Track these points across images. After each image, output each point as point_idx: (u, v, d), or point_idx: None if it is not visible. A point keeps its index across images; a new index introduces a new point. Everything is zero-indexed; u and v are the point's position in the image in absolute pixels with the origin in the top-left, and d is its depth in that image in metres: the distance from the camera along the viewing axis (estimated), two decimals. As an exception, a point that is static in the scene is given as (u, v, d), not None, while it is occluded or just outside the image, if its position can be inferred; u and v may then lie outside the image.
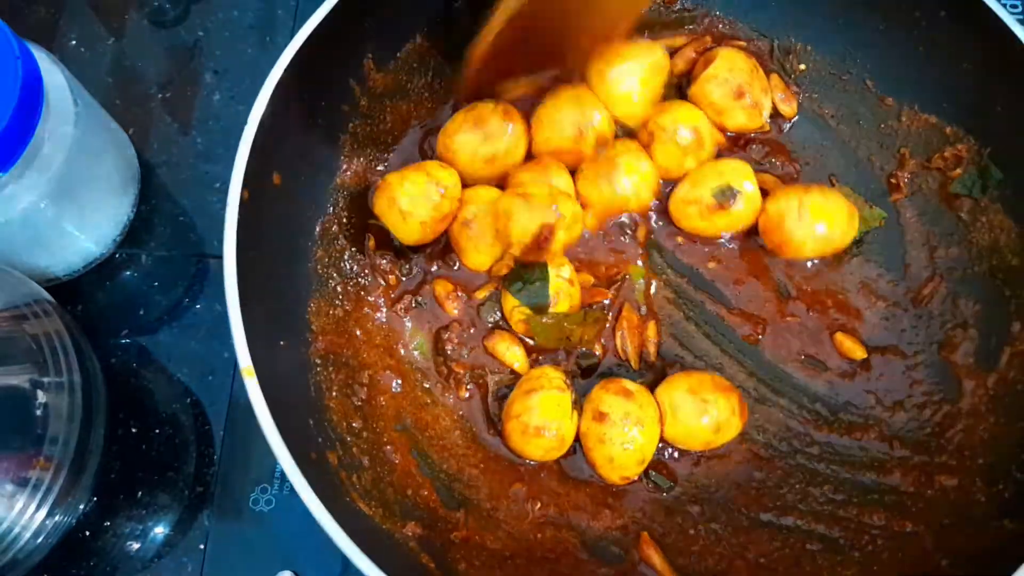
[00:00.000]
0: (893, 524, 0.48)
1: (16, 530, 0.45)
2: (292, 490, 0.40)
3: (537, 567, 0.48)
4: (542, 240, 0.49)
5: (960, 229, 0.54)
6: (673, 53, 0.59)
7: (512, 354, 0.53)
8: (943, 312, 0.53)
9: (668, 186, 0.57)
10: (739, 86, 0.56)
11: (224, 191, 0.44)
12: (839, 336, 0.54)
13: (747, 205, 0.54)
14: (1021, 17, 0.63)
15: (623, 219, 0.56)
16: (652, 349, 0.54)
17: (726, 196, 0.53)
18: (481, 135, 0.53)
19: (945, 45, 0.52)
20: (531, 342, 0.53)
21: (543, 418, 0.49)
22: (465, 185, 0.54)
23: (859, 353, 0.53)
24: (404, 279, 0.55)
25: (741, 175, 0.54)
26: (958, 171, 0.54)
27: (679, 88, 0.59)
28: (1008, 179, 0.52)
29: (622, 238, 0.56)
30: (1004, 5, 0.50)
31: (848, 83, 0.58)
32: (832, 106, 0.59)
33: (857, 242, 0.56)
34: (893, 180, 0.56)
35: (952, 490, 0.48)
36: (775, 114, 0.59)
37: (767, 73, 0.59)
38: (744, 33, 0.60)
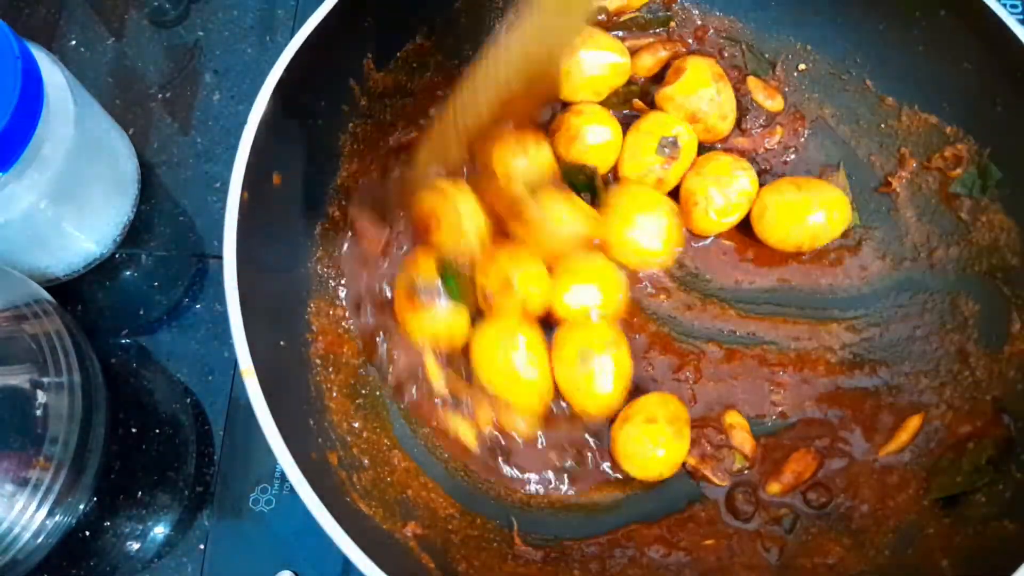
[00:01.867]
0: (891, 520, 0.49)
1: (16, 530, 0.45)
2: (292, 490, 0.40)
3: (538, 567, 0.48)
4: None
5: (960, 229, 0.54)
6: (638, 51, 0.59)
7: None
8: (943, 312, 0.53)
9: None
10: (693, 112, 0.56)
11: (224, 191, 0.44)
12: None
13: (686, 150, 0.55)
14: (1021, 17, 0.63)
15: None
16: None
17: (669, 145, 0.54)
18: None
19: (945, 45, 0.52)
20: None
21: None
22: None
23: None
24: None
25: (673, 123, 0.55)
26: (958, 171, 0.54)
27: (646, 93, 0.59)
28: (1008, 179, 0.52)
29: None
30: (1004, 5, 0.50)
31: (848, 83, 0.58)
32: (832, 106, 0.59)
33: (856, 242, 0.56)
34: (891, 180, 0.56)
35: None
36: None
37: (743, 76, 0.59)
38: (715, 42, 0.60)
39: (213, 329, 0.58)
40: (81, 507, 0.50)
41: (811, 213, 0.54)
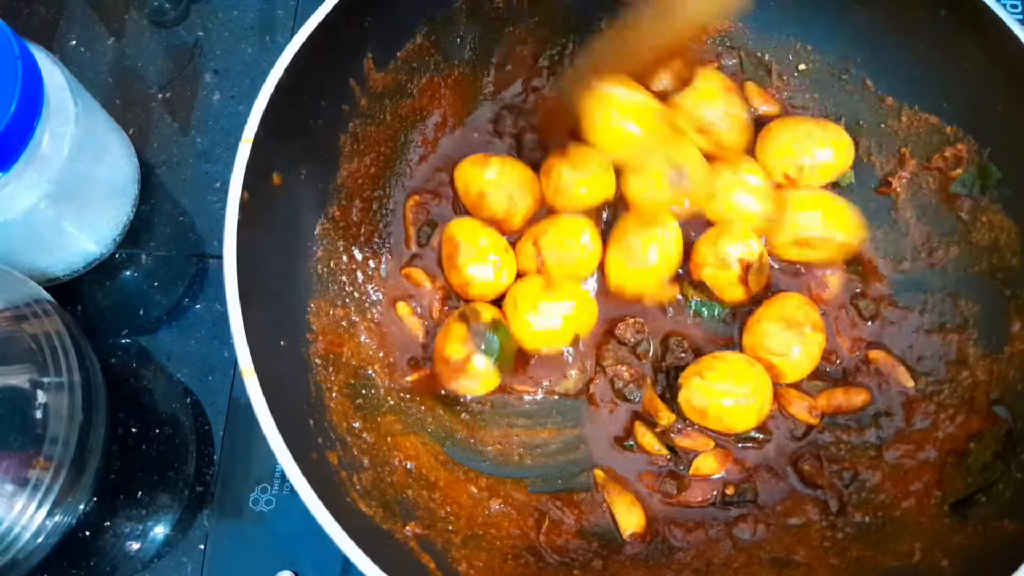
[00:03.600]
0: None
1: (16, 530, 0.45)
2: (292, 490, 0.40)
3: (539, 567, 0.48)
4: None
5: (960, 229, 0.54)
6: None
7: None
8: (943, 312, 0.53)
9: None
10: (702, 123, 0.55)
11: (224, 191, 0.44)
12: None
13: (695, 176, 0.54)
14: (1021, 17, 0.63)
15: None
16: None
17: (678, 174, 0.53)
18: None
19: (945, 45, 0.52)
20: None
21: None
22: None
23: None
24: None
25: (684, 151, 0.54)
26: (958, 171, 0.54)
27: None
28: (1008, 179, 0.52)
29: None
30: (1004, 5, 0.50)
31: (848, 83, 0.58)
32: (832, 106, 0.59)
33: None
34: (891, 180, 0.56)
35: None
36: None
37: (741, 83, 0.59)
38: (712, 49, 0.60)
39: (213, 329, 0.58)
40: (81, 507, 0.50)
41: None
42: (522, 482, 0.52)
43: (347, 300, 0.53)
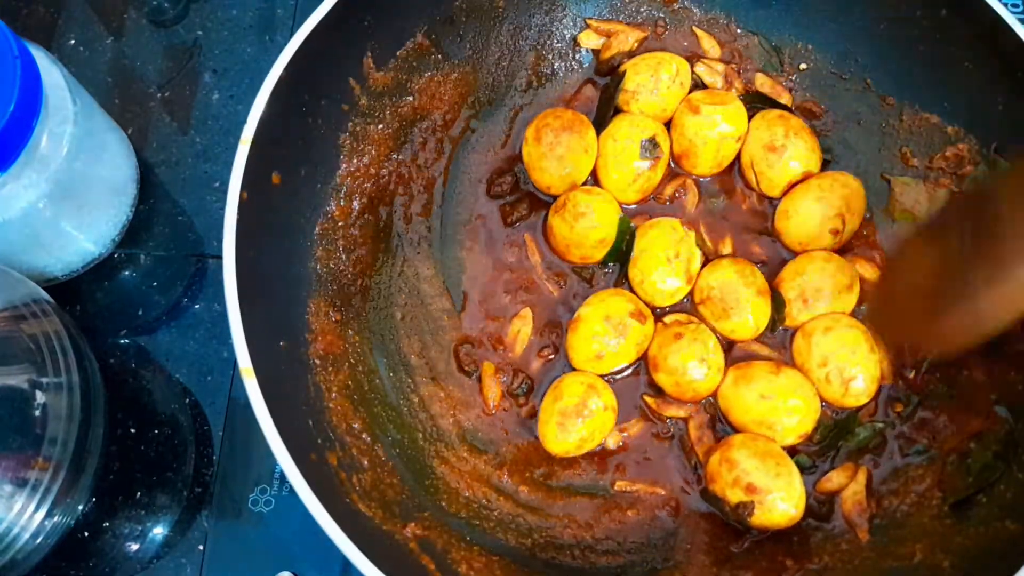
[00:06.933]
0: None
1: (15, 530, 0.45)
2: (292, 490, 0.40)
3: (538, 567, 0.48)
4: None
5: (960, 229, 0.54)
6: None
7: None
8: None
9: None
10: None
11: (223, 191, 0.44)
12: None
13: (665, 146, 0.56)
14: (1022, 16, 0.62)
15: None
16: None
17: (650, 146, 0.55)
18: None
19: (945, 44, 0.52)
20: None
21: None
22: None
23: None
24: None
25: (645, 123, 0.56)
26: (969, 168, 0.53)
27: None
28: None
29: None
30: (1005, 4, 0.50)
31: (848, 83, 0.58)
32: (832, 106, 0.58)
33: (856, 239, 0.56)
34: (892, 180, 0.56)
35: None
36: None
37: (754, 72, 0.59)
38: (730, 33, 0.60)
39: (212, 329, 0.57)
40: (80, 508, 0.50)
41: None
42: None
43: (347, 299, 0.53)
